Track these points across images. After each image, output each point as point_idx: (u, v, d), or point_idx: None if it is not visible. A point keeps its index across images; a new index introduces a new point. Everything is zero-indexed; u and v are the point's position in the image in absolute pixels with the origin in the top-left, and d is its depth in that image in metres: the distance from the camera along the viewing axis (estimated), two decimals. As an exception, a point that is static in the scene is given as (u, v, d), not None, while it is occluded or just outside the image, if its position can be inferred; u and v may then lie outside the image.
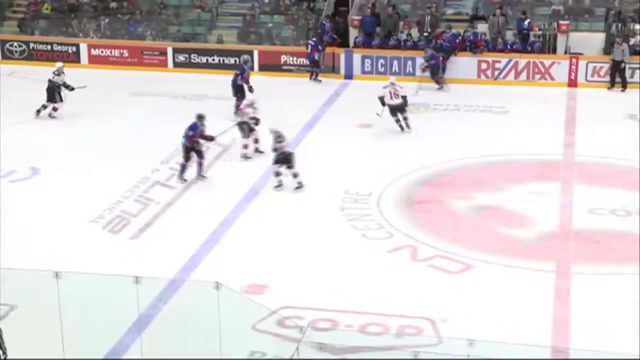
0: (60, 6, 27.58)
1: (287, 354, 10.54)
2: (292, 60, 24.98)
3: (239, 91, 21.07)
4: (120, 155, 18.39)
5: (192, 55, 25.57)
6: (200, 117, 17.00)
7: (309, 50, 23.96)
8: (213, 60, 25.38)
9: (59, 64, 21.65)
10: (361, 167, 17.80)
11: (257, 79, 24.10)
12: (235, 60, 25.04)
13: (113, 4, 27.55)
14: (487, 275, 13.26)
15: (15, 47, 26.20)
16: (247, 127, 18.38)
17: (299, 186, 16.43)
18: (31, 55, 26.21)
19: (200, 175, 16.95)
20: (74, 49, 26.08)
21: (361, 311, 12.01)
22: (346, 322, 11.78)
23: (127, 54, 25.85)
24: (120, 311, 11.64)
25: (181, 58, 25.71)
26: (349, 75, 24.48)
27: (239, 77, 21.19)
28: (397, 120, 19.75)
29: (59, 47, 26.11)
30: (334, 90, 22.86)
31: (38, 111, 21.12)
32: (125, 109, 21.83)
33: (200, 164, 17.08)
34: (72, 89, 21.16)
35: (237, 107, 20.26)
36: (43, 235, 14.61)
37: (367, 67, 24.59)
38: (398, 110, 19.69)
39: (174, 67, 25.69)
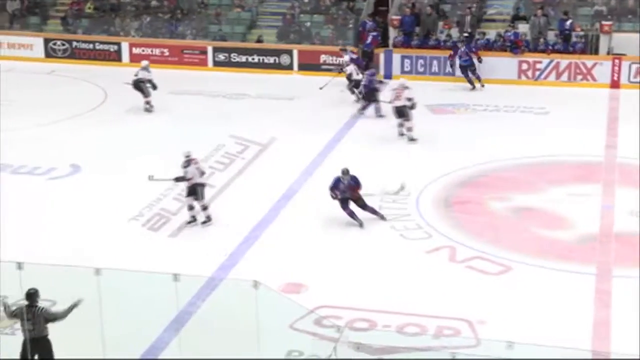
0: (102, 5, 27.83)
1: (325, 354, 10.54)
2: (332, 60, 24.96)
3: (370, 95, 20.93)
4: (160, 154, 18.49)
5: (231, 55, 25.67)
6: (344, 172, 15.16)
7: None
8: (252, 59, 25.45)
9: (145, 62, 21.99)
10: (399, 167, 17.73)
11: (295, 78, 24.21)
12: (275, 60, 25.13)
13: (154, 3, 27.74)
14: (526, 277, 13.15)
15: (59, 45, 26.47)
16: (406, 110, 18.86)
17: (207, 220, 15.07)
18: (74, 54, 26.47)
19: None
20: (116, 47, 26.31)
21: (399, 311, 11.97)
22: (384, 322, 11.75)
23: (167, 53, 26.01)
24: (159, 308, 11.72)
25: (221, 57, 25.83)
26: (388, 75, 24.39)
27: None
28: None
29: (101, 46, 26.36)
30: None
31: (147, 110, 21.46)
32: (165, 108, 21.95)
33: None
34: (156, 88, 21.41)
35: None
36: (83, 232, 14.74)
37: (407, 67, 24.52)
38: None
39: (214, 66, 25.81)
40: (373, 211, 15.09)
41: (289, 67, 25.12)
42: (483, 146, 18.83)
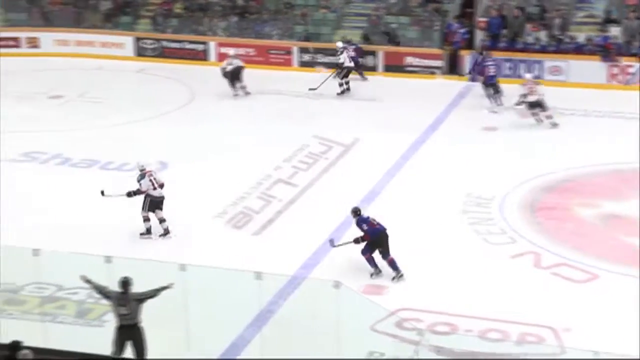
0: (191, 5, 28.20)
1: (405, 356, 10.46)
2: (417, 62, 24.79)
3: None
4: (244, 153, 18.66)
5: (317, 55, 25.72)
6: None
7: None
8: (337, 59, 25.42)
9: (233, 50, 23.70)
10: (484, 170, 17.50)
11: (380, 79, 24.12)
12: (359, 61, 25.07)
13: (241, 3, 27.99)
14: (613, 286, 12.83)
15: (149, 44, 26.93)
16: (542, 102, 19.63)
17: (165, 233, 14.78)
18: (163, 53, 26.88)
19: None
20: (203, 47, 26.64)
21: (481, 316, 11.81)
22: (465, 327, 11.61)
23: (253, 53, 26.21)
24: (241, 306, 11.81)
25: (306, 57, 25.91)
26: (473, 78, 24.09)
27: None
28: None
29: (190, 45, 26.72)
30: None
31: (237, 94, 22.66)
32: (250, 107, 22.12)
33: None
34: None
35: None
36: (169, 228, 14.92)
37: (493, 69, 24.12)
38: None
39: (299, 66, 25.90)
40: (392, 263, 13.27)
41: (373, 68, 25.05)
42: (571, 151, 18.46)
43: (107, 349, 10.45)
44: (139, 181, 14.90)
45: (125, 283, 10.55)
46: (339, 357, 10.55)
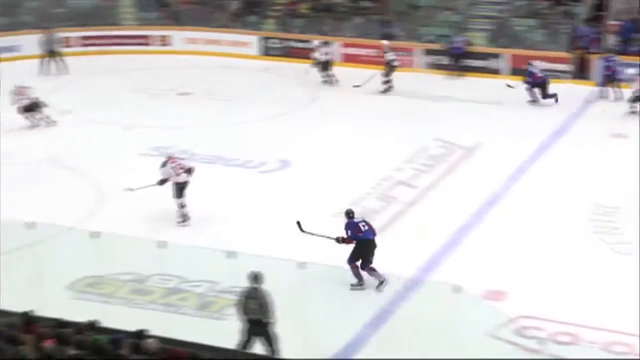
0: (317, 5, 28.42)
1: (525, 365, 10.25)
2: (543, 65, 24.26)
3: None
4: (365, 153, 18.66)
5: (440, 57, 25.51)
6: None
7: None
8: (461, 62, 25.16)
9: (318, 41, 24.53)
10: (612, 178, 16.96)
11: (505, 82, 23.69)
12: (483, 63, 24.73)
13: (366, 4, 28.04)
14: None
15: (275, 44, 27.29)
16: None
17: (182, 220, 15.13)
18: (288, 52, 27.18)
19: None
20: (326, 47, 26.73)
21: (605, 328, 11.46)
22: (588, 339, 11.29)
23: (377, 54, 26.20)
24: (359, 305, 11.82)
25: (429, 59, 25.73)
26: (602, 82, 23.40)
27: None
28: None
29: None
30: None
31: (326, 81, 23.74)
32: (372, 108, 22.10)
33: None
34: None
35: None
36: (289, 225, 15.05)
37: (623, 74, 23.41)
38: None
39: (422, 68, 25.74)
40: (371, 271, 12.70)
41: (497, 71, 24.67)
42: None
43: (226, 342, 10.62)
44: (160, 169, 15.32)
45: (257, 277, 10.68)
46: (457, 361, 10.42)
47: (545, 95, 21.95)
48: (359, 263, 12.70)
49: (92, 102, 22.50)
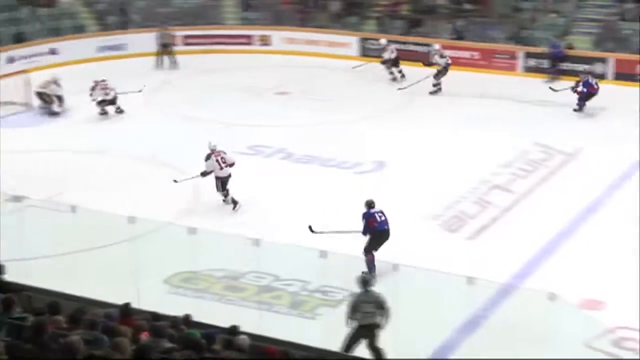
0: (417, 7, 28.28)
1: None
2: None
3: None
4: (463, 155, 18.49)
5: (542, 61, 25.07)
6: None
7: None
8: (563, 67, 24.67)
9: (384, 40, 25.04)
10: None
11: (609, 88, 23.12)
12: (586, 67, 24.20)
13: (468, 7, 27.77)
14: None
15: (374, 44, 27.24)
16: None
17: (235, 204, 15.79)
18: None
19: None
20: (427, 49, 26.59)
21: None
22: (689, 353, 10.91)
23: (477, 56, 25.94)
24: (451, 310, 11.72)
25: (531, 63, 25.31)
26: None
27: None
28: None
29: (414, 47, 26.76)
30: None
31: (395, 78, 24.40)
32: (470, 110, 21.85)
33: None
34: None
35: None
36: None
37: None
38: None
39: (524, 72, 25.34)
40: (369, 262, 13.10)
41: (603, 76, 24.07)
42: None
43: (318, 342, 10.66)
44: (205, 161, 15.72)
45: (367, 281, 10.68)
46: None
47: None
48: (375, 253, 13.08)
49: (193, 100, 22.95)
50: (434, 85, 23.16)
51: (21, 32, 26.59)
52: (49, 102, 21.77)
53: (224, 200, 15.85)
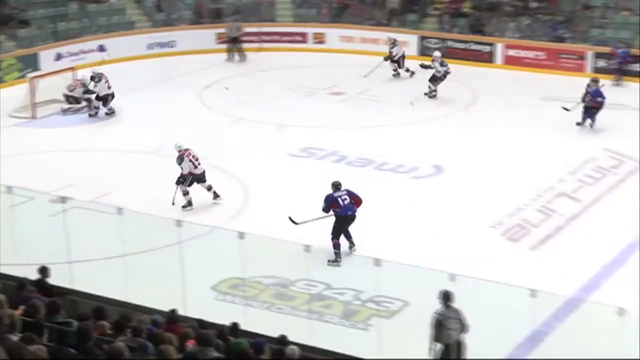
0: (480, 4, 28.07)
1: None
2: None
3: None
4: (525, 161, 18.29)
5: (612, 61, 24.70)
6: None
7: None
8: (636, 67, 24.30)
9: (392, 35, 25.33)
10: None
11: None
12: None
13: (534, 4, 27.48)
14: None
15: (433, 43, 27.13)
16: None
17: (216, 196, 16.25)
18: (447, 53, 26.86)
19: None
20: (489, 48, 26.42)
21: None
22: None
23: (543, 56, 25.66)
24: (512, 323, 11.58)
25: (601, 63, 24.96)
26: None
27: None
28: None
29: (475, 46, 26.61)
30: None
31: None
32: (535, 114, 21.59)
33: None
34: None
35: None
36: (441, 235, 14.96)
37: None
38: None
39: (593, 73, 24.95)
40: (335, 246, 13.95)
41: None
42: None
43: (370, 354, 10.62)
44: (180, 165, 15.96)
45: (449, 295, 10.60)
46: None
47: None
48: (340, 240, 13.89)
49: (244, 99, 23.06)
50: (431, 90, 22.96)
51: (69, 28, 26.99)
52: (76, 104, 21.94)
53: (184, 196, 16.07)
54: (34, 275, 10.74)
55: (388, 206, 16.16)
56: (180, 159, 16.07)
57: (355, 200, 14.18)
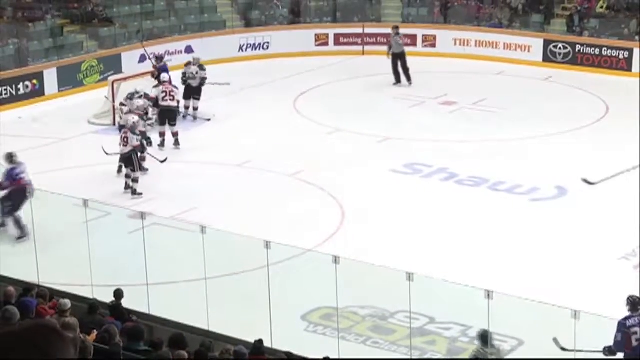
0: (617, 4, 27.50)
1: None
2: None
3: None
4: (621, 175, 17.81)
5: None
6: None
7: None
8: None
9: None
10: None
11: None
12: None
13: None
14: None
15: (559, 48, 26.75)
16: None
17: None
18: (575, 59, 26.53)
19: None
20: (626, 54, 25.89)
21: None
22: None
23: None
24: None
25: None
26: None
27: None
28: None
29: (609, 52, 26.11)
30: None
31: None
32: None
33: None
34: None
35: None
36: (562, 267, 14.75)
37: None
38: None
39: None
40: (17, 222, 15.63)
41: None
42: None
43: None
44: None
45: (486, 337, 10.57)
46: None
47: None
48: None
49: (343, 108, 23.18)
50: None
51: (156, 27, 27.55)
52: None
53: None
54: (107, 297, 11.03)
55: (503, 232, 16.04)
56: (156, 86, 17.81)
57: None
